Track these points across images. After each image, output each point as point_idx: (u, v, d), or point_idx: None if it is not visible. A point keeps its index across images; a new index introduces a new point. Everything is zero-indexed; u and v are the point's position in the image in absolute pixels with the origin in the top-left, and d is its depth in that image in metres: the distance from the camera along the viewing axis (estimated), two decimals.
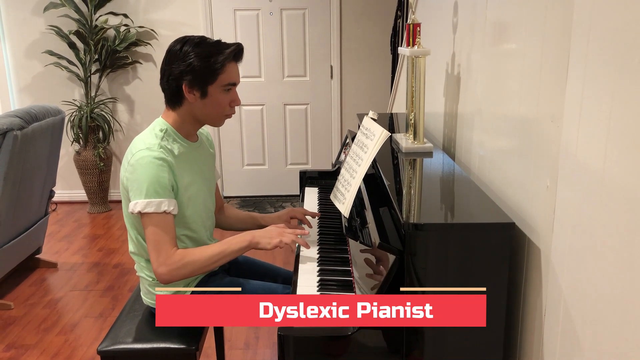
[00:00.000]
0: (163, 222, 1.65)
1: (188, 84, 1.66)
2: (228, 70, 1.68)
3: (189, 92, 1.67)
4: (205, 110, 1.71)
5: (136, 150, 1.66)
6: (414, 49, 1.85)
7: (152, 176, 1.62)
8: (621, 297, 0.95)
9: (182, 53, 1.66)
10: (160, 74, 1.73)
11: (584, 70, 1.06)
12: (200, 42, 1.68)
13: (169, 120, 1.75)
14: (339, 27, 4.80)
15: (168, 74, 1.69)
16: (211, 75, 1.66)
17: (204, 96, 1.68)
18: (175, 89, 1.69)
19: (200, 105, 1.70)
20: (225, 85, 1.69)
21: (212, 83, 1.67)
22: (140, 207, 1.63)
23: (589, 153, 1.05)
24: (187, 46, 1.67)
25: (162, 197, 1.64)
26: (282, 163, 5.07)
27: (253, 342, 2.77)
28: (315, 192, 2.39)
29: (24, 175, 3.10)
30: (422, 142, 1.92)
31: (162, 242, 1.65)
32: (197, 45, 1.67)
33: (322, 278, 1.65)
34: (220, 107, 1.72)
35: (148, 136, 1.71)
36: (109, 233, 4.32)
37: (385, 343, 1.34)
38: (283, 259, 3.68)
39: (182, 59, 1.66)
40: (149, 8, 4.71)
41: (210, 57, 1.66)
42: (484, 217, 1.33)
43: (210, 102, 1.69)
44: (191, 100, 1.69)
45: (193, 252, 1.69)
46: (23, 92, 4.86)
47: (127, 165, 1.67)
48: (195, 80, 1.66)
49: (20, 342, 2.79)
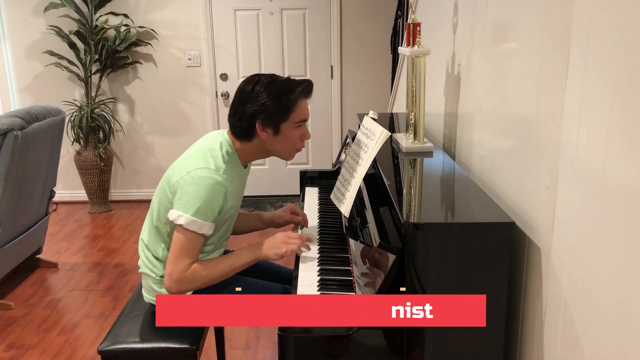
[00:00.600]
0: (195, 240, 1.69)
1: (262, 123, 1.70)
2: (299, 107, 1.72)
3: (262, 130, 1.71)
4: (277, 146, 1.75)
5: (201, 166, 1.67)
6: (414, 49, 1.85)
7: (208, 199, 1.65)
8: (621, 296, 0.95)
9: (255, 93, 1.69)
10: (231, 110, 1.75)
11: (584, 69, 1.06)
12: (272, 81, 1.71)
13: (236, 145, 1.77)
14: (339, 27, 4.80)
15: (241, 113, 1.71)
16: (284, 113, 1.70)
17: (277, 133, 1.72)
18: (248, 127, 1.72)
19: (272, 141, 1.74)
20: (297, 122, 1.73)
21: (285, 121, 1.71)
22: (183, 221, 1.65)
23: (589, 152, 1.05)
24: (258, 86, 1.70)
25: (207, 221, 1.67)
26: (282, 163, 5.06)
27: (253, 342, 2.77)
28: (316, 192, 2.40)
29: (25, 175, 3.10)
30: (422, 142, 1.92)
31: (185, 255, 1.68)
32: (269, 85, 1.70)
33: (322, 277, 1.66)
34: (291, 143, 1.76)
35: (216, 153, 1.72)
36: (110, 233, 4.32)
37: (385, 343, 1.34)
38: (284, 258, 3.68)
39: (255, 99, 1.69)
40: (149, 8, 4.71)
41: (283, 97, 1.69)
42: (484, 217, 1.33)
43: (282, 138, 1.73)
44: (264, 138, 1.73)
45: (204, 268, 1.72)
46: (23, 92, 4.86)
47: (186, 175, 1.67)
48: (268, 119, 1.69)
49: (21, 342, 2.79)
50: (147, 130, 4.94)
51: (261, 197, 5.06)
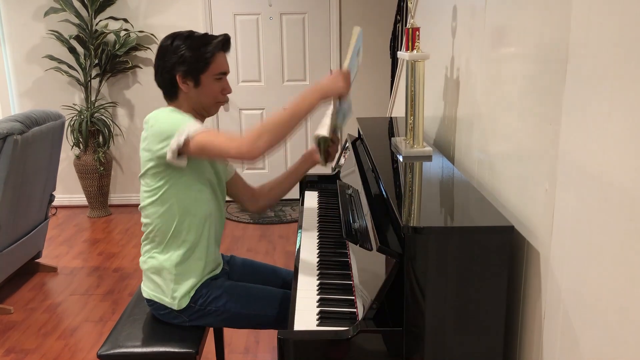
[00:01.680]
0: (211, 131, 1.66)
1: (182, 74, 1.76)
2: (218, 59, 1.78)
3: (183, 82, 1.77)
4: (199, 98, 1.80)
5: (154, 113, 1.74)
6: (413, 53, 1.85)
7: (177, 115, 1.70)
8: (621, 300, 0.95)
9: (173, 47, 1.76)
10: (155, 70, 1.81)
11: (582, 73, 1.07)
12: (189, 35, 1.78)
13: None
14: (338, 32, 4.81)
15: (162, 68, 1.78)
16: (202, 64, 1.76)
17: (198, 85, 1.78)
18: (169, 80, 1.78)
19: (194, 94, 1.79)
20: (216, 74, 1.78)
21: (204, 72, 1.77)
22: (185, 134, 1.64)
23: (587, 156, 1.05)
24: (177, 40, 1.77)
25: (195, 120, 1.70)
26: (282, 167, 5.07)
27: (253, 346, 2.77)
28: (315, 196, 2.40)
29: (24, 179, 3.10)
30: (421, 146, 1.92)
31: (224, 136, 1.62)
32: (186, 38, 1.77)
33: (321, 282, 1.66)
34: (213, 95, 1.81)
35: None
36: (109, 237, 4.32)
37: (385, 346, 1.34)
38: (283, 261, 3.68)
39: (174, 52, 1.75)
40: (149, 13, 4.72)
41: (200, 48, 1.76)
42: (483, 221, 1.33)
43: (203, 90, 1.79)
44: (185, 90, 1.78)
45: (263, 123, 1.61)
46: (23, 96, 4.87)
47: (148, 127, 1.72)
48: (188, 70, 1.75)
49: (20, 347, 2.79)
50: None
51: None
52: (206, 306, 1.82)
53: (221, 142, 1.63)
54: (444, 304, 1.30)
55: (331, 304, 1.54)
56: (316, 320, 1.46)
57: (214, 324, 1.87)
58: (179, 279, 1.81)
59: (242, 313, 1.84)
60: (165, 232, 1.79)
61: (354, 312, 1.49)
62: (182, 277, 1.81)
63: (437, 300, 1.30)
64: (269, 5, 4.74)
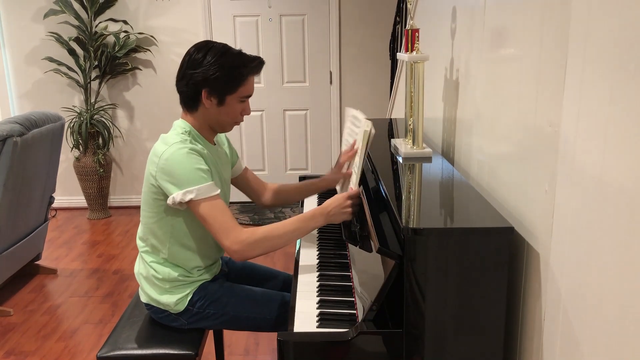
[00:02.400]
0: (219, 204, 1.68)
1: (208, 91, 1.71)
2: (248, 82, 1.74)
3: (207, 98, 1.72)
4: (218, 116, 1.76)
5: (167, 146, 1.68)
6: (413, 55, 1.85)
7: (194, 164, 1.66)
8: (621, 300, 0.95)
9: (206, 61, 1.69)
10: (179, 77, 1.75)
11: (582, 74, 1.07)
12: (225, 52, 1.71)
13: (189, 121, 1.79)
14: (338, 33, 4.81)
15: (188, 79, 1.71)
16: (232, 86, 1.71)
17: (221, 104, 1.73)
18: (194, 94, 1.73)
19: (215, 111, 1.75)
20: (242, 96, 1.74)
21: (231, 94, 1.72)
22: (193, 195, 1.64)
23: (587, 157, 1.05)
24: (210, 55, 1.70)
25: (208, 181, 1.67)
26: (281, 168, 5.07)
27: (253, 348, 2.77)
28: (315, 197, 2.40)
29: (24, 181, 3.10)
30: (421, 147, 1.92)
31: (226, 222, 1.66)
32: (221, 56, 1.70)
33: (321, 283, 1.66)
34: (233, 116, 1.77)
35: (174, 136, 1.74)
36: (109, 239, 4.32)
37: (385, 348, 1.34)
38: (283, 263, 3.68)
39: (205, 67, 1.69)
40: (149, 14, 4.72)
41: (234, 70, 1.70)
42: (483, 222, 1.33)
43: (225, 110, 1.74)
44: (207, 106, 1.73)
45: (265, 229, 1.69)
46: (23, 98, 4.87)
47: (160, 161, 1.67)
48: (215, 89, 1.70)
49: (20, 349, 2.79)
50: (146, 136, 4.94)
51: None
52: (205, 309, 1.82)
53: (219, 228, 1.66)
54: (444, 306, 1.30)
55: (331, 306, 1.54)
56: (316, 321, 1.46)
57: (213, 327, 1.86)
58: (176, 282, 1.80)
59: (241, 315, 1.84)
60: (162, 240, 1.79)
61: (354, 314, 1.49)
62: (180, 281, 1.81)
63: (437, 301, 1.30)
64: (269, 6, 4.75)
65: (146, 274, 1.84)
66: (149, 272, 1.82)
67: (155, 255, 1.82)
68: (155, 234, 1.79)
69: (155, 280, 1.81)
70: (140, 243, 1.87)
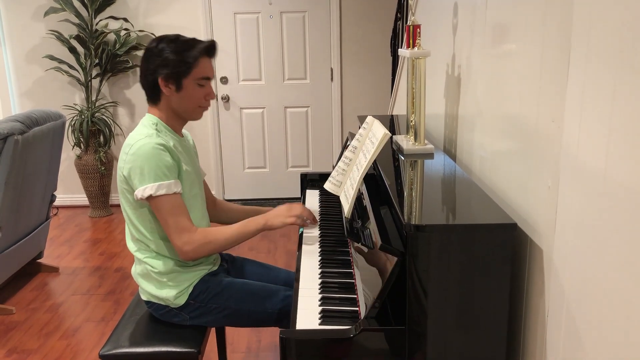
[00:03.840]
0: (177, 203, 1.73)
1: (164, 77, 1.75)
2: (201, 64, 1.77)
3: (165, 85, 1.76)
4: (181, 103, 1.79)
5: (134, 141, 1.72)
6: (414, 51, 1.84)
7: (158, 160, 1.69)
8: (624, 297, 0.95)
9: (158, 49, 1.76)
10: (140, 72, 1.81)
11: (585, 69, 1.06)
12: (175, 39, 1.78)
13: (156, 114, 1.83)
14: (338, 30, 4.80)
15: (145, 70, 1.78)
16: (185, 68, 1.75)
17: (179, 89, 1.77)
18: (152, 83, 1.78)
19: (176, 98, 1.78)
20: (199, 78, 1.78)
21: (186, 76, 1.76)
22: (152, 190, 1.68)
23: (590, 153, 1.04)
24: (162, 43, 1.76)
25: (170, 179, 1.71)
26: (283, 166, 5.07)
27: (255, 346, 2.77)
28: (317, 194, 2.39)
29: (25, 179, 3.10)
30: (423, 144, 1.91)
31: (181, 222, 1.73)
32: (172, 42, 1.76)
33: (323, 281, 1.65)
34: (195, 100, 1.80)
35: (142, 129, 1.78)
36: (111, 237, 4.32)
37: (387, 345, 1.34)
38: (284, 260, 3.68)
39: (158, 55, 1.75)
40: (149, 12, 4.72)
41: (184, 52, 1.75)
42: (486, 218, 1.33)
43: (185, 94, 1.78)
44: (167, 94, 1.77)
45: (213, 232, 1.77)
46: (24, 96, 4.87)
47: (127, 157, 1.72)
48: (170, 73, 1.75)
49: (22, 347, 2.79)
50: None
51: (262, 200, 5.06)
52: (206, 303, 1.82)
53: (173, 227, 1.71)
54: (447, 302, 1.30)
55: (333, 303, 1.53)
56: (318, 319, 1.46)
57: (214, 322, 1.86)
58: (175, 277, 1.81)
59: (242, 309, 1.83)
60: (146, 234, 1.80)
61: (356, 311, 1.49)
62: (178, 276, 1.81)
63: (439, 298, 1.29)
64: (269, 3, 4.74)
65: (143, 272, 1.84)
66: (146, 269, 1.82)
67: (146, 251, 1.82)
68: (138, 229, 1.80)
69: (153, 274, 1.81)
70: (130, 246, 1.88)
